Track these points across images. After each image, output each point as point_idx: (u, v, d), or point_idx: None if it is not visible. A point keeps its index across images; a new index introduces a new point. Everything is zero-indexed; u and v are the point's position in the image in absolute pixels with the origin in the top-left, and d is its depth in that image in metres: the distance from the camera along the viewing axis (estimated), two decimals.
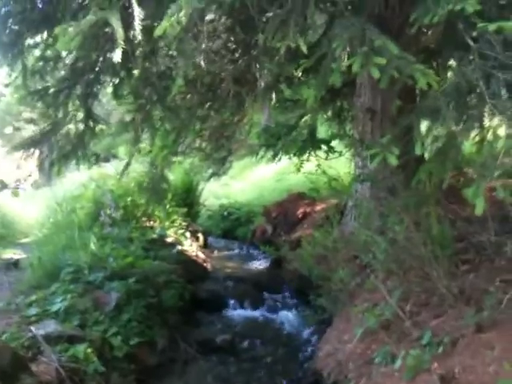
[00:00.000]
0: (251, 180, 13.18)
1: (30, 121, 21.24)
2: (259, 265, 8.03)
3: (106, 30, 2.89)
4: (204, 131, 8.25)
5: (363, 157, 6.19)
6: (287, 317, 5.83)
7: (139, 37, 2.88)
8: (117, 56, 2.82)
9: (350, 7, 3.94)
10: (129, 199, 7.56)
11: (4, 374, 2.85)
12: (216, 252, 9.05)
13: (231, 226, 10.55)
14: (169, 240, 7.27)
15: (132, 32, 2.92)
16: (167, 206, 8.02)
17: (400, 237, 4.03)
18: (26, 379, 2.81)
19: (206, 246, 9.10)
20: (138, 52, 3.77)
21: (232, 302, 6.15)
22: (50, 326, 3.63)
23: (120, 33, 2.71)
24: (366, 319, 3.92)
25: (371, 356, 3.59)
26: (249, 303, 6.15)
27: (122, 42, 2.74)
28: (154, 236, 6.99)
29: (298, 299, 6.31)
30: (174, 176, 9.49)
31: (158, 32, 2.60)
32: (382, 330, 3.72)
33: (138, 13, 2.84)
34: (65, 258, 5.21)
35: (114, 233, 6.52)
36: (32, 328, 3.46)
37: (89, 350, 3.56)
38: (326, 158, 7.55)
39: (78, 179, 13.17)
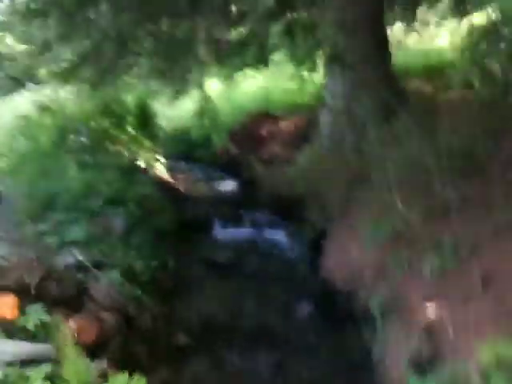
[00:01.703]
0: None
1: None
2: (228, 185, 8.11)
3: None
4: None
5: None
6: (272, 233, 6.05)
7: None
8: None
9: None
10: (93, 124, 7.28)
11: None
12: (181, 175, 8.99)
13: (188, 148, 10.43)
14: (140, 165, 7.15)
15: None
16: (130, 130, 7.84)
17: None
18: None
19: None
20: None
21: (216, 221, 6.28)
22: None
23: None
24: (373, 231, 4.17)
25: (386, 263, 3.87)
26: (232, 223, 6.31)
27: None
28: (126, 161, 6.86)
29: (276, 216, 6.50)
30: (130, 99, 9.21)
31: None
32: (393, 240, 3.99)
33: None
34: (53, 187, 5.04)
35: (88, 160, 6.32)
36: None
37: (119, 276, 3.60)
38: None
39: (14, 107, 12.36)
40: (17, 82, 27.52)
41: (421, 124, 4.49)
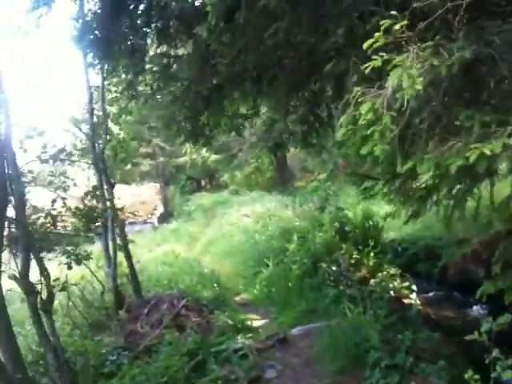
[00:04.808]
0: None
1: (147, 155, 21.83)
2: (477, 312, 7.46)
3: None
4: None
5: None
6: None
7: None
8: None
9: None
10: (342, 252, 7.30)
11: None
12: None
13: (408, 261, 10.04)
14: (392, 293, 6.90)
15: None
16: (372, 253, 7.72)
17: None
18: None
19: None
20: None
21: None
22: None
23: None
24: None
25: None
26: None
27: None
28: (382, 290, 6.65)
29: None
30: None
31: None
32: None
33: None
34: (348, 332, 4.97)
35: (352, 292, 6.26)
36: None
37: None
38: None
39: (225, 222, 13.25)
40: (197, 184, 30.07)
41: None
